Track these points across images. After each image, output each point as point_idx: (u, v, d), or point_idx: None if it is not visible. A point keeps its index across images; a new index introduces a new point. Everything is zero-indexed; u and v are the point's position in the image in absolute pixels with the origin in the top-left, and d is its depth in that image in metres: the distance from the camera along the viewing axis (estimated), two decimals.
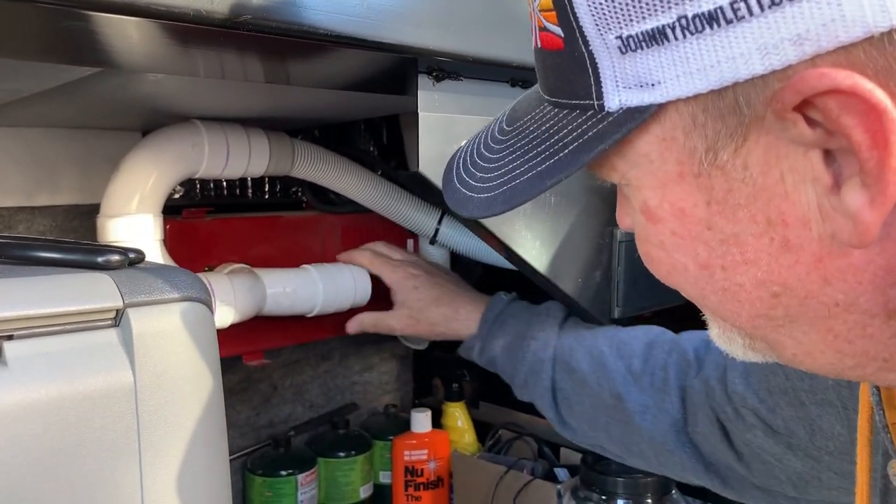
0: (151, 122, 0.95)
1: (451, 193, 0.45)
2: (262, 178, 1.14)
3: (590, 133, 0.37)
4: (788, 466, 0.72)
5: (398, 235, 1.09)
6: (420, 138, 0.69)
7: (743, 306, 0.38)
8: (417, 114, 0.69)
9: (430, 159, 0.70)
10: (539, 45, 0.40)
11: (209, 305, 0.53)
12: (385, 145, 1.17)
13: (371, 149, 1.17)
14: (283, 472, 1.08)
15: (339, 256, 1.01)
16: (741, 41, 0.31)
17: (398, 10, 0.61)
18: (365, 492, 1.18)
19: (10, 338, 0.45)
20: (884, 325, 0.35)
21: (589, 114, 0.37)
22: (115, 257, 0.51)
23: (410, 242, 1.11)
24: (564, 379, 0.87)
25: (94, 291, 0.48)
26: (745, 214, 0.35)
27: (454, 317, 0.95)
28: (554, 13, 0.36)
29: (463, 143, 0.49)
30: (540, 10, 0.38)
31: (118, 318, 0.48)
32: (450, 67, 0.69)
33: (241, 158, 0.87)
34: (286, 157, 0.91)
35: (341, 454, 1.16)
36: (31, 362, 0.45)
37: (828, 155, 0.32)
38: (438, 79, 0.69)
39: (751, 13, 0.31)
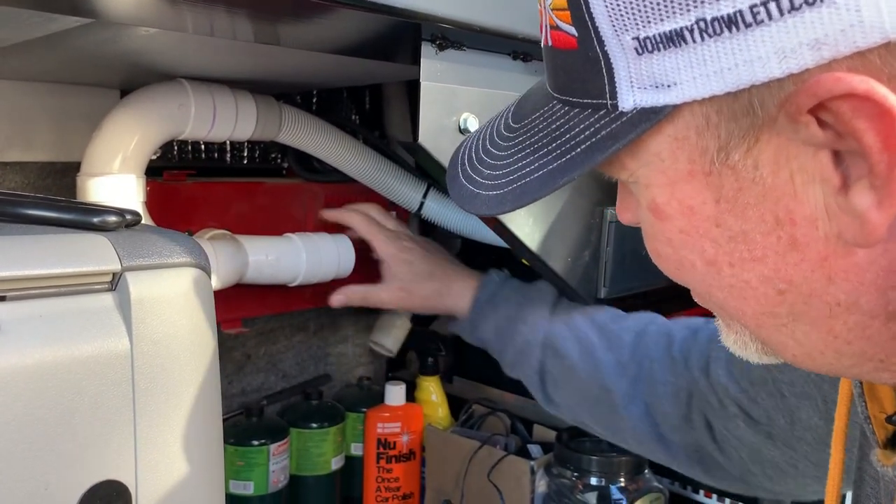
0: (132, 79, 0.91)
1: (456, 189, 0.45)
2: (241, 143, 1.12)
3: (603, 132, 0.37)
4: (767, 456, 0.74)
5: (382, 207, 1.08)
6: (421, 109, 0.67)
7: (748, 303, 0.38)
8: (419, 83, 0.67)
9: (431, 131, 0.68)
10: (549, 44, 0.39)
11: (208, 271, 0.51)
12: (368, 113, 1.15)
13: (353, 117, 1.15)
14: (256, 442, 1.07)
15: (327, 214, 0.99)
16: (760, 45, 0.32)
17: None
18: (336, 463, 1.17)
19: (2, 299, 0.43)
20: (883, 326, 0.36)
21: (601, 113, 0.37)
22: (112, 218, 0.49)
23: (393, 215, 1.10)
24: (553, 363, 0.88)
25: (90, 253, 0.46)
26: (755, 213, 0.36)
27: (446, 293, 0.95)
28: (568, 12, 0.36)
29: (465, 139, 0.48)
30: (552, 9, 0.38)
31: (115, 282, 0.47)
32: (454, 36, 0.68)
33: (228, 121, 0.84)
34: (273, 121, 0.89)
35: (314, 425, 1.15)
36: (24, 325, 0.43)
37: (836, 156, 0.33)
38: (442, 47, 0.68)
39: (770, 17, 0.31)
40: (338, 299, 0.96)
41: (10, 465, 0.42)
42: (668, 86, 0.35)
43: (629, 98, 0.36)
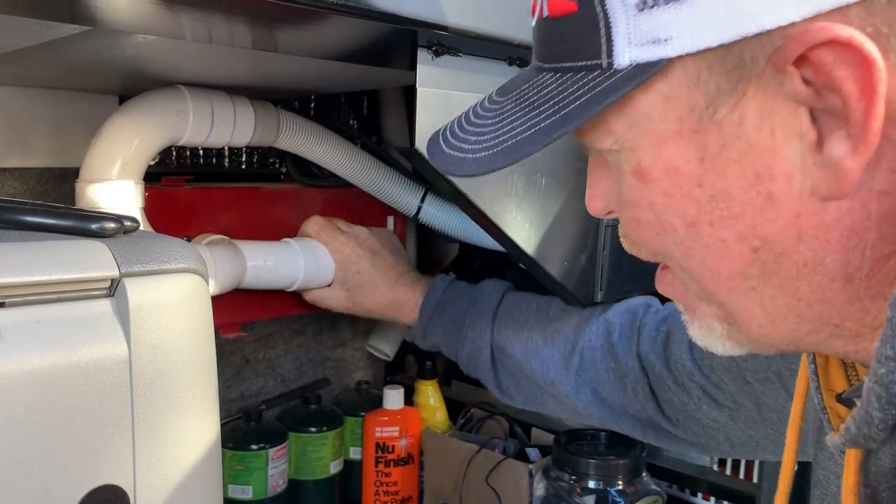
0: (130, 85, 0.92)
1: (440, 158, 0.46)
2: (240, 148, 1.12)
3: (598, 89, 0.39)
4: (728, 432, 0.77)
5: (380, 211, 1.08)
6: (417, 114, 0.68)
7: (724, 263, 0.40)
8: (415, 88, 0.68)
9: (428, 136, 0.69)
10: (545, 15, 0.42)
11: (206, 277, 0.51)
12: (365, 119, 1.16)
13: (351, 122, 1.16)
14: (254, 446, 1.07)
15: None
16: None
17: None
18: (335, 467, 1.17)
19: (1, 305, 0.43)
20: (841, 289, 0.39)
21: (596, 73, 0.39)
22: (110, 224, 0.49)
23: (391, 219, 1.10)
24: (504, 361, 0.91)
25: (88, 259, 0.46)
26: (736, 169, 0.38)
27: (389, 307, 0.96)
28: None
29: (442, 126, 0.49)
30: None
31: (113, 288, 0.47)
32: (450, 42, 0.68)
33: (226, 127, 0.85)
34: (271, 127, 0.89)
35: (312, 429, 1.15)
36: (23, 331, 0.43)
37: (813, 115, 0.36)
38: (438, 54, 0.68)
39: None
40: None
41: (10, 470, 0.42)
42: (665, 40, 0.37)
43: (626, 54, 0.38)
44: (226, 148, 1.10)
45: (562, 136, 0.40)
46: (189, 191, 0.90)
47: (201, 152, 1.08)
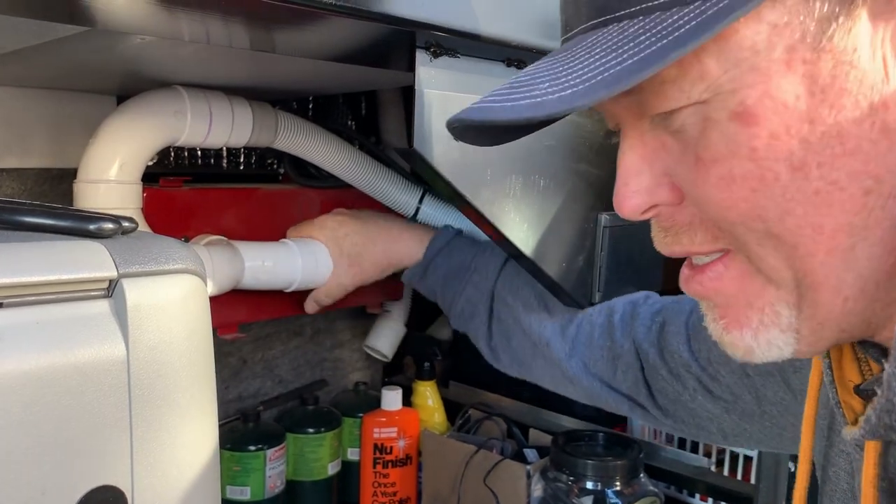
0: (128, 86, 0.92)
1: (500, 110, 0.38)
2: (238, 149, 1.12)
3: (704, 16, 0.35)
4: (722, 424, 0.77)
5: None
6: (416, 115, 0.68)
7: (831, 212, 0.38)
8: (414, 89, 0.68)
9: (425, 137, 0.69)
10: None
11: (204, 278, 0.51)
12: (363, 120, 1.16)
13: (349, 123, 1.16)
14: (252, 447, 1.07)
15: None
16: None
17: None
18: (333, 468, 1.18)
19: None
20: None
21: (695, 4, 0.36)
22: (109, 225, 0.49)
23: None
24: (503, 312, 0.90)
25: (86, 260, 0.46)
26: (849, 100, 0.36)
27: (394, 250, 0.95)
28: None
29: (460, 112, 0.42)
30: None
31: (111, 289, 0.47)
32: (448, 43, 0.68)
33: (224, 128, 0.85)
34: (269, 128, 0.89)
35: (310, 430, 1.15)
36: (20, 332, 0.43)
37: None
38: (436, 55, 0.68)
39: None
40: (310, 306, 0.97)
41: (7, 471, 0.42)
42: None
43: None
44: (224, 149, 1.10)
45: (679, 57, 0.35)
46: (187, 191, 0.90)
47: (199, 153, 1.08)
